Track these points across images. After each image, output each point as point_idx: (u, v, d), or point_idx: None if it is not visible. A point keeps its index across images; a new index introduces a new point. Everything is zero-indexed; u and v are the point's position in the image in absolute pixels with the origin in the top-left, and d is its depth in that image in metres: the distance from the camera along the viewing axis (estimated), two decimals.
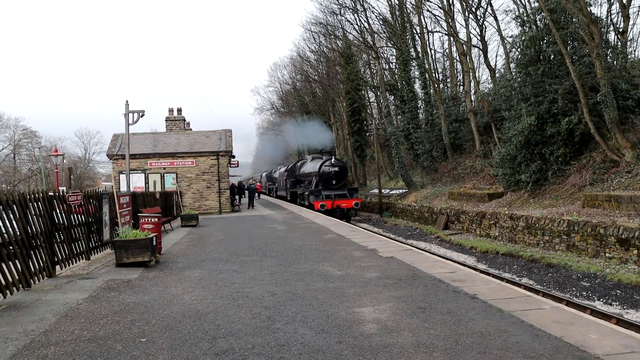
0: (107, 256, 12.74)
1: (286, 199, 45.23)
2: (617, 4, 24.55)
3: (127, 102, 19.32)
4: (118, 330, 6.17)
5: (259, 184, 51.92)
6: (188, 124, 35.68)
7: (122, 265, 10.97)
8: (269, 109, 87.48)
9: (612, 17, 25.69)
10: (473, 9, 34.11)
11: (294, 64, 69.63)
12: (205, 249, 14.07)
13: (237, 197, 36.38)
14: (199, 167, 30.87)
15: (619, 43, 24.39)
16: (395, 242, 13.89)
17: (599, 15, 26.25)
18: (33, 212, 9.30)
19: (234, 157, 34.03)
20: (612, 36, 25.49)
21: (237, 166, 39.01)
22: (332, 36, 51.24)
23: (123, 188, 25.89)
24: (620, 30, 24.37)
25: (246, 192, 39.33)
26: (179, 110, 34.16)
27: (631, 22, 24.73)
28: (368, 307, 6.91)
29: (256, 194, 42.78)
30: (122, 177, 28.77)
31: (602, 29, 25.50)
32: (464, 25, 34.95)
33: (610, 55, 23.80)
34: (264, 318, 6.52)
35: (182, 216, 22.95)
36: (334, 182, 32.30)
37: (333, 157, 33.50)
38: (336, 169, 32.59)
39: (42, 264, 9.50)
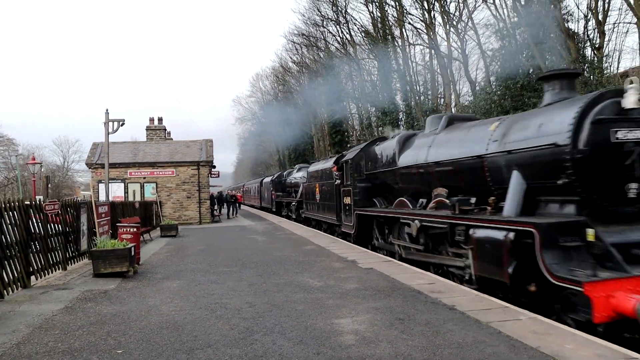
0: (84, 266, 12.58)
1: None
2: (594, 21, 25.01)
3: (107, 110, 19.20)
4: (94, 341, 6.09)
5: (239, 194, 51.39)
6: (169, 133, 35.51)
7: (100, 275, 10.85)
8: (251, 119, 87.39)
9: (589, 33, 26.14)
10: (454, 23, 34.51)
11: (275, 75, 69.87)
12: (185, 259, 13.98)
13: (217, 207, 36.19)
14: (180, 177, 30.70)
15: (596, 58, 24.82)
16: (375, 254, 13.91)
17: (576, 30, 26.74)
18: (8, 222, 9.16)
19: (214, 167, 33.91)
20: (588, 51, 25.92)
21: (218, 176, 38.82)
22: (315, 47, 51.51)
23: (102, 197, 25.62)
24: (597, 46, 24.83)
25: (227, 202, 39.11)
26: (160, 120, 34.01)
27: (607, 39, 25.21)
28: (347, 318, 6.91)
29: (237, 205, 41.77)
30: (102, 186, 28.48)
31: (579, 45, 25.99)
32: (445, 39, 35.34)
33: (587, 70, 24.21)
34: (242, 329, 6.48)
35: (162, 226, 22.78)
36: None
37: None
38: None
39: (16, 275, 9.34)
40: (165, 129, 34.31)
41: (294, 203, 30.87)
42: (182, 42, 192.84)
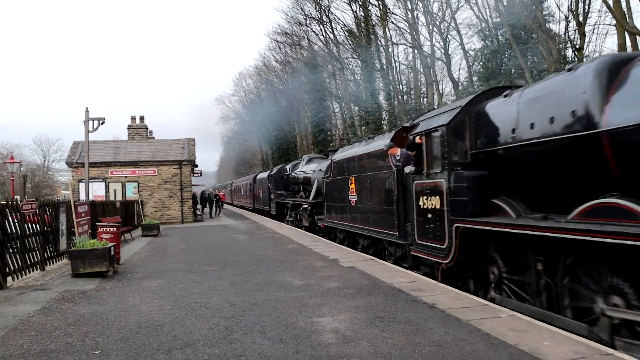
0: (63, 266, 12.42)
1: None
2: (574, 22, 25.26)
3: (87, 109, 19.03)
4: (71, 342, 6.01)
5: (222, 193, 51.09)
6: (151, 132, 35.25)
7: (79, 275, 10.71)
8: (234, 118, 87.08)
9: (570, 34, 26.41)
10: (437, 23, 34.70)
11: (259, 74, 69.73)
12: (166, 259, 13.87)
13: (200, 206, 35.97)
14: (162, 176, 30.48)
15: (576, 59, 25.05)
16: (356, 252, 13.92)
17: (557, 32, 27.03)
18: None
19: (197, 166, 33.73)
20: (569, 52, 26.20)
21: (201, 175, 38.64)
22: (298, 46, 51.51)
23: (82, 197, 25.37)
24: (577, 47, 25.08)
25: (210, 201, 38.89)
26: (142, 119, 33.71)
27: (587, 40, 25.49)
28: (327, 316, 6.90)
29: (220, 204, 41.49)
30: (82, 185, 28.21)
31: (560, 45, 26.27)
32: (428, 39, 35.53)
33: None
34: (222, 328, 6.44)
35: (143, 226, 22.59)
36: None
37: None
38: None
39: None
40: (147, 128, 34.03)
41: (305, 206, 22.41)
42: (165, 42, 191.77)
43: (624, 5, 20.56)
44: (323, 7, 44.13)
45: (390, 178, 12.11)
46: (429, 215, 9.48)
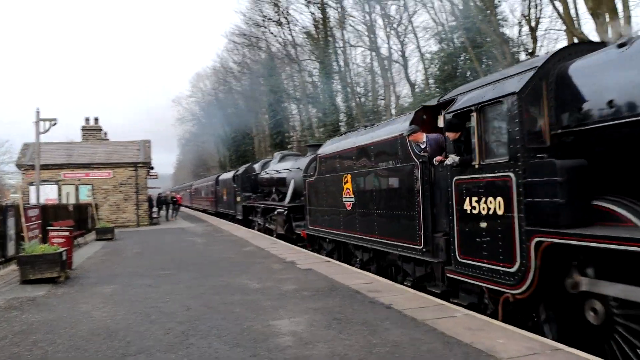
0: (11, 273, 12.00)
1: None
2: (527, 27, 25.93)
3: (37, 109, 18.51)
4: (17, 352, 5.79)
5: (179, 196, 50.31)
6: (105, 134, 34.51)
7: (28, 282, 10.36)
8: (191, 119, 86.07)
9: (523, 38, 27.09)
10: (394, 26, 35.06)
11: (216, 75, 69.16)
12: (120, 263, 13.57)
13: (156, 209, 35.40)
14: (116, 178, 29.86)
15: None
16: (314, 254, 13.91)
17: (511, 36, 27.68)
18: None
19: (152, 168, 33.20)
20: (522, 56, 26.84)
21: (157, 178, 38.02)
22: (256, 48, 51.28)
23: (33, 200, 24.65)
24: (530, 51, 25.75)
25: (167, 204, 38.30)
26: (96, 120, 32.98)
27: (539, 44, 26.22)
28: (284, 319, 6.86)
29: (177, 207, 40.85)
30: (33, 188, 27.41)
31: (513, 49, 26.91)
32: (386, 41, 35.87)
33: None
34: (177, 333, 6.33)
35: (97, 229, 22.12)
36: None
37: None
38: None
39: None
40: (102, 129, 33.33)
41: (281, 210, 18.91)
42: (121, 44, 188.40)
43: (573, 12, 21.17)
44: (281, 9, 44.07)
45: (411, 173, 9.01)
46: (483, 224, 6.88)
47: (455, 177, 7.51)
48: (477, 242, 7.05)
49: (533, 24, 25.50)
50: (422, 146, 8.91)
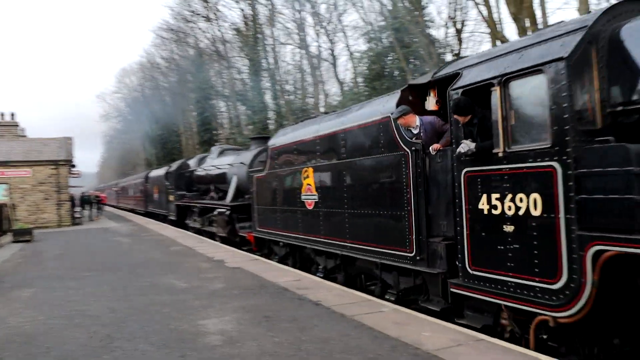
0: None
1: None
2: (453, 29, 26.71)
3: None
4: None
5: (103, 195, 48.56)
6: (23, 130, 32.91)
7: None
8: (116, 116, 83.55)
9: (449, 39, 27.87)
10: (324, 24, 35.24)
11: (143, 71, 67.45)
12: (40, 265, 13.02)
13: (78, 209, 34.11)
14: (36, 177, 28.50)
15: None
16: (242, 253, 13.80)
17: (437, 37, 28.42)
18: None
19: (74, 166, 31.98)
20: (448, 57, 27.61)
21: (80, 176, 36.63)
22: (184, 43, 50.32)
23: None
24: (456, 52, 26.53)
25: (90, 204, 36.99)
26: (12, 115, 31.40)
27: (464, 46, 27.04)
28: (213, 318, 6.81)
29: (100, 206, 39.46)
30: None
31: (440, 50, 27.64)
32: (315, 39, 36.03)
33: None
34: (102, 336, 6.16)
35: (14, 231, 21.07)
36: None
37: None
38: None
39: None
40: (18, 125, 31.74)
41: (222, 210, 17.00)
42: (43, 37, 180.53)
43: (496, 16, 22.00)
44: (210, 5, 43.43)
45: (398, 165, 7.47)
46: (508, 228, 5.54)
47: (466, 169, 6.07)
48: (499, 251, 5.62)
49: (459, 26, 26.32)
50: (415, 131, 7.33)
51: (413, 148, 7.12)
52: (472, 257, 6.04)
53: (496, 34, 20.54)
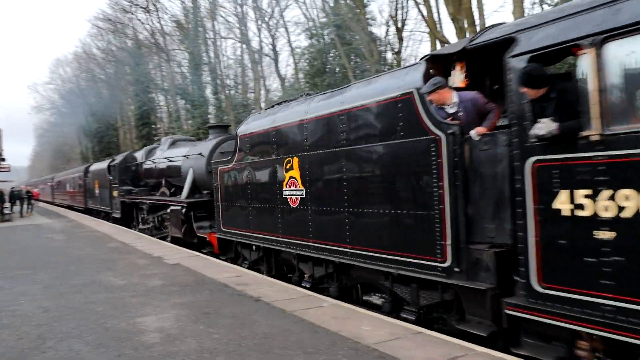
0: None
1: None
2: (394, 27, 27.13)
3: None
4: None
5: (36, 190, 46.71)
6: None
7: None
8: (49, 108, 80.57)
9: (390, 38, 28.30)
10: (266, 19, 35.10)
11: (78, 61, 65.37)
12: None
13: (8, 204, 32.76)
14: None
15: (395, 61, 26.87)
16: (181, 249, 13.57)
17: (378, 35, 28.81)
18: None
19: (4, 160, 30.79)
20: (389, 55, 28.04)
21: (9, 170, 35.20)
22: (122, 34, 49.05)
23: None
24: (396, 50, 26.97)
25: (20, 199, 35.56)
26: None
27: (405, 44, 27.53)
28: (151, 316, 6.70)
29: (31, 201, 37.87)
30: None
31: (381, 48, 28.02)
32: (257, 34, 35.86)
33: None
34: (33, 337, 5.94)
35: None
36: None
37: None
38: None
39: None
40: None
41: (177, 207, 14.92)
42: None
43: (436, 16, 22.46)
44: None
45: (426, 152, 5.90)
46: (605, 235, 4.24)
47: (535, 158, 4.74)
48: (588, 264, 4.37)
49: (400, 25, 26.74)
50: (450, 110, 5.88)
51: (450, 131, 5.58)
52: (542, 271, 4.71)
53: (436, 34, 20.99)
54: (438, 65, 6.26)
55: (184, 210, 14.17)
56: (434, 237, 5.80)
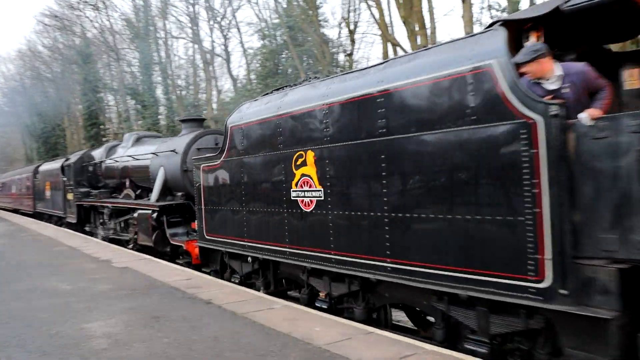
0: None
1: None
2: (346, 29, 27.37)
3: None
4: None
5: None
6: None
7: None
8: None
9: (342, 40, 28.53)
10: (218, 19, 34.84)
11: (23, 59, 63.39)
12: None
13: None
14: None
15: (347, 63, 27.10)
16: (130, 252, 13.32)
17: (331, 37, 29.03)
18: None
19: None
20: (341, 56, 28.25)
21: None
22: (69, 32, 47.83)
23: None
24: (348, 52, 27.20)
25: None
26: None
27: (357, 46, 27.85)
28: (98, 321, 6.53)
29: None
30: None
31: (333, 50, 28.24)
32: (209, 34, 35.56)
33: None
34: None
35: None
36: None
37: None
38: None
39: None
40: None
41: (146, 211, 13.25)
42: None
43: (388, 19, 22.79)
44: None
45: (511, 141, 4.55)
46: None
47: None
48: None
49: (352, 27, 27.00)
50: (551, 86, 4.52)
51: (551, 112, 4.20)
52: None
53: (387, 36, 21.27)
54: (512, 31, 4.84)
55: (154, 214, 12.72)
56: (524, 249, 4.46)
